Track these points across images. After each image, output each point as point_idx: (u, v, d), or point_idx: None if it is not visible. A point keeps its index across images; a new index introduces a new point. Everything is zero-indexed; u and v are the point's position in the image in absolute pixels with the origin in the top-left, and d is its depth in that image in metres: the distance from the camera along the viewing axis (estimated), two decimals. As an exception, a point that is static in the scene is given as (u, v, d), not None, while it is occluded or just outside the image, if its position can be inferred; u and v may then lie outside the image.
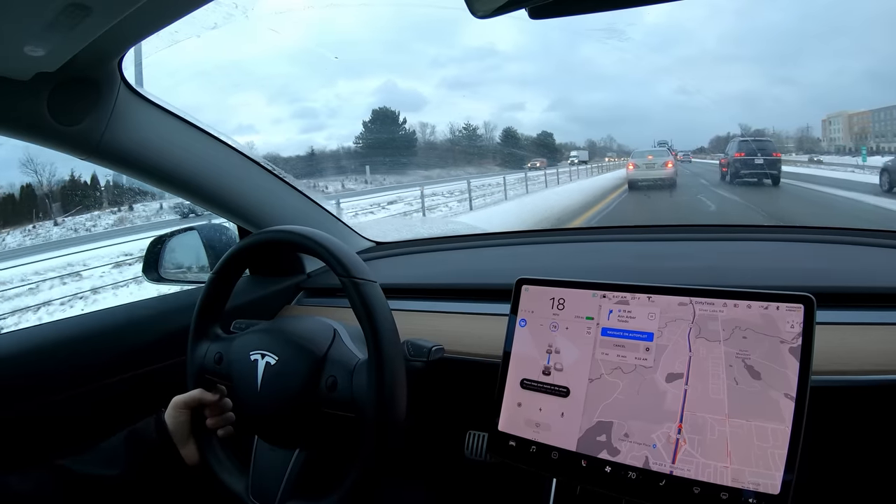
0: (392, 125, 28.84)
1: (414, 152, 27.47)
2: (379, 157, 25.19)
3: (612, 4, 0.50)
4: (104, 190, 11.56)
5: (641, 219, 7.74)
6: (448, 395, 0.81)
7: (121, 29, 0.56)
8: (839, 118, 18.95)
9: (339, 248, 0.65)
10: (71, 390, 0.80)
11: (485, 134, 30.80)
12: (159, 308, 0.93)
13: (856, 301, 0.67)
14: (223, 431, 0.73)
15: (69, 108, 0.69)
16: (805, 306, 0.52)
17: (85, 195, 11.17)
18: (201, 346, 0.74)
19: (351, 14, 61.74)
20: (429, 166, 25.25)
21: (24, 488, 0.63)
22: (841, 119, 18.84)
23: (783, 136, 21.13)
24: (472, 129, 31.96)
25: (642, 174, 10.95)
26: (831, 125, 19.46)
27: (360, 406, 0.61)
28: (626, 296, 0.61)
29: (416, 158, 26.38)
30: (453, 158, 26.50)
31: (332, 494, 0.62)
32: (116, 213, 11.37)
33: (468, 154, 26.88)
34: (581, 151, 26.37)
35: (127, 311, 0.93)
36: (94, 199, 11.37)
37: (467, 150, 27.46)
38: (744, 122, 29.75)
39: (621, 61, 55.85)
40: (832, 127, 19.41)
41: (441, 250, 1.19)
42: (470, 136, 31.17)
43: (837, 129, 19.00)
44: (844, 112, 18.80)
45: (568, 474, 0.59)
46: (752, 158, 9.86)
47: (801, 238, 0.93)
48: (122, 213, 11.38)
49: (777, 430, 0.50)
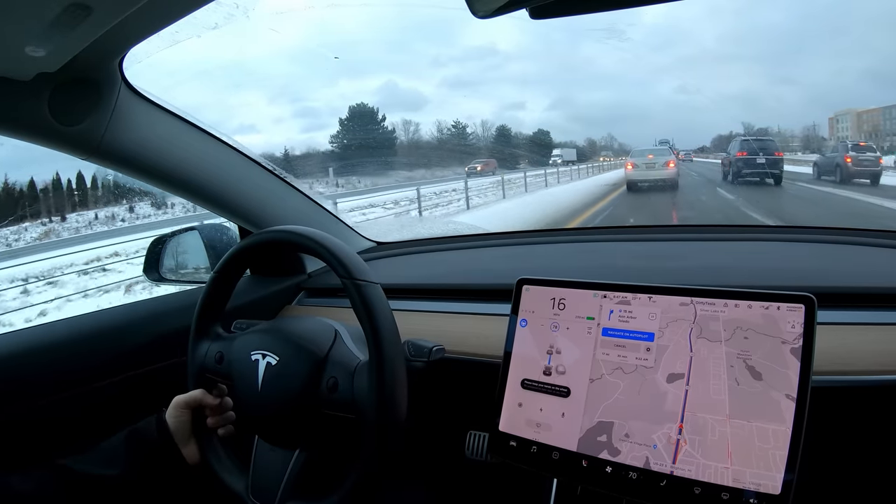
0: (370, 123, 27.13)
1: (394, 152, 25.96)
2: (356, 158, 23.81)
3: (612, 4, 0.50)
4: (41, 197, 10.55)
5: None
6: (449, 395, 0.81)
7: (122, 29, 0.56)
8: (847, 116, 18.56)
9: (341, 249, 0.65)
10: (72, 390, 0.80)
11: (476, 132, 29.12)
12: (160, 308, 0.93)
13: (856, 301, 0.67)
14: (224, 431, 0.73)
15: (70, 108, 0.69)
16: (806, 306, 0.52)
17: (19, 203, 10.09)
18: (202, 346, 0.74)
19: (352, 14, 61.81)
20: (412, 167, 23.91)
21: (25, 488, 0.63)
22: (849, 117, 18.45)
23: (787, 135, 20.89)
24: (461, 128, 30.06)
25: (642, 174, 10.65)
26: (839, 123, 19.08)
27: (360, 408, 0.61)
28: (627, 296, 0.61)
29: (396, 159, 24.90)
30: (439, 158, 24.96)
31: (332, 495, 0.62)
32: (47, 225, 10.48)
33: (456, 153, 25.24)
34: (567, 150, 24.10)
35: (127, 311, 0.93)
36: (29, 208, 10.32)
37: (455, 150, 26.15)
38: (747, 120, 29.45)
39: (622, 61, 55.93)
40: (840, 125, 19.02)
41: (442, 250, 1.19)
42: (459, 134, 29.43)
43: (846, 127, 18.61)
44: (853, 110, 18.38)
45: (568, 474, 0.59)
46: (755, 158, 9.89)
47: (801, 238, 0.93)
48: (53, 225, 10.48)
49: (778, 432, 0.50)
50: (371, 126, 27.12)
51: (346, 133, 26.73)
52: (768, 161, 9.73)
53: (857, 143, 10.75)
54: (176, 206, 10.40)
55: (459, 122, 30.12)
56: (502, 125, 32.48)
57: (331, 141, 26.91)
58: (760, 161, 9.76)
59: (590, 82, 59.81)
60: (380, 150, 25.47)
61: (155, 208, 11.22)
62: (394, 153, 26.05)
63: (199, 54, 33.93)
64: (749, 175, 9.88)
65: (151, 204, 11.20)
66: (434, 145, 27.74)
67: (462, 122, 29.86)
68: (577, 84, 60.19)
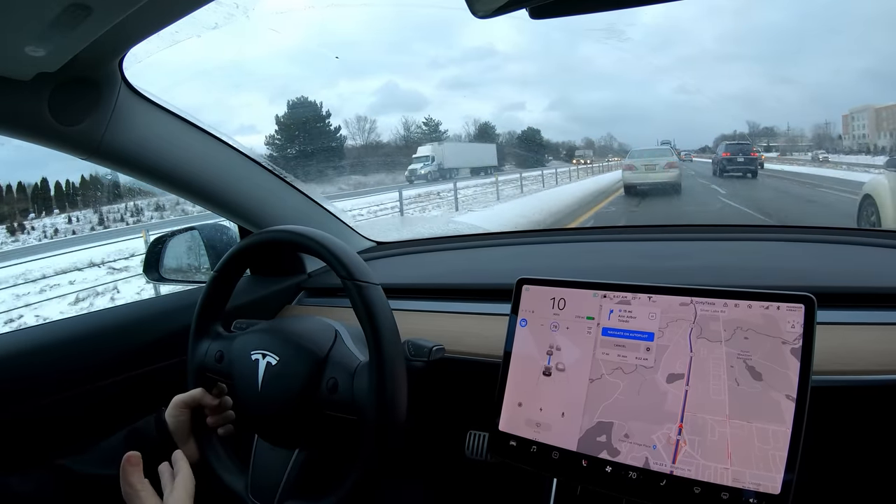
0: (316, 122, 22.14)
1: (340, 155, 21.66)
2: (294, 160, 19.79)
3: (612, 4, 0.50)
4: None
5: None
6: (449, 395, 0.81)
7: (122, 29, 0.56)
8: (864, 113, 17.68)
9: (342, 250, 0.65)
10: (72, 390, 0.80)
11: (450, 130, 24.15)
12: (160, 308, 0.94)
13: (856, 301, 0.67)
14: (223, 430, 0.73)
15: (70, 108, 0.69)
16: (806, 306, 0.52)
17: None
18: (202, 344, 0.74)
19: (352, 14, 61.75)
20: (368, 171, 19.54)
21: (24, 488, 0.63)
22: (867, 114, 17.55)
23: (795, 135, 20.34)
24: (433, 125, 25.21)
25: (641, 177, 10.65)
26: (854, 121, 18.15)
27: (360, 409, 0.61)
28: (627, 296, 0.61)
29: (344, 162, 20.77)
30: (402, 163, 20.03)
31: (331, 495, 0.62)
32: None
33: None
34: (433, 146, 14.27)
35: (127, 311, 0.93)
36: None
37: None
38: (752, 119, 28.77)
39: (621, 61, 55.90)
40: (855, 123, 18.08)
41: (442, 250, 1.19)
42: (431, 132, 24.78)
43: (862, 125, 17.73)
44: (871, 106, 17.52)
45: (568, 474, 0.59)
46: (736, 157, 12.79)
47: (801, 238, 0.93)
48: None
49: (778, 432, 0.50)
50: (315, 125, 22.57)
51: (285, 134, 22.01)
52: (746, 160, 12.68)
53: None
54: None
55: (431, 118, 25.82)
56: (484, 122, 28.50)
57: (267, 143, 22.04)
58: (740, 160, 12.66)
59: (589, 82, 59.82)
60: (324, 154, 21.38)
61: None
62: (341, 157, 21.88)
63: (198, 54, 33.86)
64: (732, 170, 12.53)
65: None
66: (398, 146, 23.05)
67: (434, 119, 25.26)
68: (577, 84, 60.19)
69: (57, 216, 14.66)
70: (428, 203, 11.32)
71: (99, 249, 7.76)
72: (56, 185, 15.45)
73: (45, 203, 14.95)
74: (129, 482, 0.61)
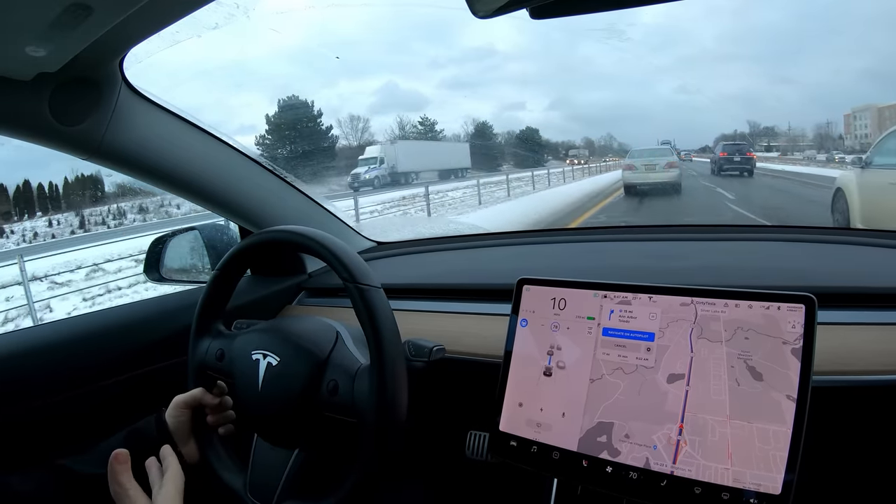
0: (307, 121, 21.32)
1: (332, 155, 20.83)
2: (284, 161, 18.90)
3: (612, 4, 0.50)
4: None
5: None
6: (449, 395, 0.81)
7: (122, 29, 0.56)
8: (866, 112, 17.28)
9: (343, 251, 0.65)
10: (72, 390, 0.80)
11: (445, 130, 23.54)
12: (160, 308, 0.94)
13: (857, 301, 0.67)
14: (224, 429, 0.73)
15: (70, 108, 0.69)
16: (806, 306, 0.52)
17: None
18: (203, 343, 0.74)
19: (352, 14, 61.71)
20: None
21: (25, 488, 0.63)
22: (869, 113, 17.13)
23: (796, 134, 20.09)
24: (429, 124, 24.67)
25: (641, 177, 10.69)
26: (856, 120, 17.78)
27: (361, 412, 0.61)
28: (628, 296, 0.61)
29: (336, 163, 19.75)
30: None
31: (330, 496, 0.62)
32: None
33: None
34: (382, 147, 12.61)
35: (128, 311, 0.93)
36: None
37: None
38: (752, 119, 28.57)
39: (621, 61, 55.76)
40: (858, 122, 17.70)
41: (442, 250, 1.19)
42: (427, 132, 24.36)
43: (864, 124, 17.29)
44: (873, 105, 17.09)
45: (569, 474, 0.59)
46: (732, 157, 13.27)
47: (801, 238, 0.93)
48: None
49: (779, 433, 0.50)
50: (306, 125, 21.75)
51: (275, 134, 21.22)
52: (742, 159, 13.19)
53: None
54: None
55: (427, 118, 25.25)
56: (482, 122, 27.73)
57: (257, 143, 21.28)
58: (737, 159, 13.15)
59: (589, 82, 59.67)
60: (315, 154, 20.51)
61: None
62: (332, 157, 21.00)
63: (199, 54, 33.83)
64: (729, 169, 12.97)
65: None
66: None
67: (429, 119, 24.60)
68: (577, 84, 60.01)
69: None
70: (393, 210, 10.21)
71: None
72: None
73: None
74: (118, 481, 0.61)
